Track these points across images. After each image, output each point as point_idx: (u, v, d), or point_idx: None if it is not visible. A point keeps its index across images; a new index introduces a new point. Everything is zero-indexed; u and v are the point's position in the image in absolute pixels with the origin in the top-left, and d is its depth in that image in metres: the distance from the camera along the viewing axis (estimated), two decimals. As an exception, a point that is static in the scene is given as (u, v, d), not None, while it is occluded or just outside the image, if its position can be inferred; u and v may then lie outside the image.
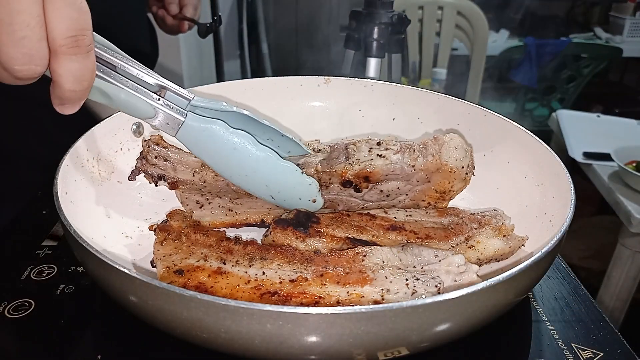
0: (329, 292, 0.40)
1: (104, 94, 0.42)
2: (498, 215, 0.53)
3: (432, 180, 0.53)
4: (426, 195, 0.55)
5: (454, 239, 0.50)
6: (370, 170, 0.52)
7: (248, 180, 0.52)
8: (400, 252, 0.44)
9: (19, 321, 0.44)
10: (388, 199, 0.55)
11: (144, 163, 0.54)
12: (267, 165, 0.51)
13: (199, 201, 0.56)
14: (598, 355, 0.43)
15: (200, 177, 0.54)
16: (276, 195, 0.53)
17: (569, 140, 1.57)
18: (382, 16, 1.04)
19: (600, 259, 1.53)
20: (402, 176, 0.52)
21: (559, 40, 2.53)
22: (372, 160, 0.52)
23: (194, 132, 0.48)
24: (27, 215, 0.61)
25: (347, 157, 0.53)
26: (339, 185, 0.53)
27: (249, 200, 0.56)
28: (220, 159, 0.50)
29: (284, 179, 0.52)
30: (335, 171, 0.53)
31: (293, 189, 0.53)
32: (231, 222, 0.56)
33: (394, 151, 0.52)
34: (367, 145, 0.53)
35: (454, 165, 0.52)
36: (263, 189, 0.53)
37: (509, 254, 0.50)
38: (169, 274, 0.42)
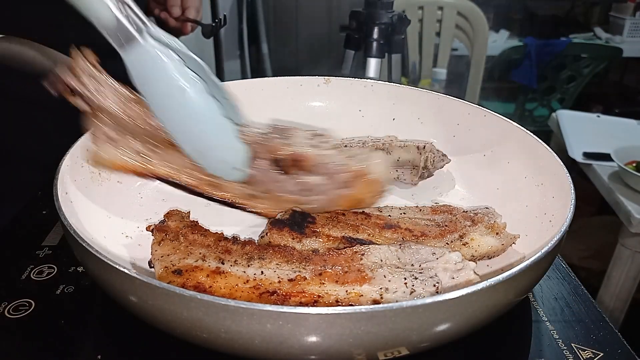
0: (328, 291, 0.40)
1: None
2: (490, 213, 0.53)
3: (354, 185, 0.54)
4: (342, 199, 0.54)
5: (448, 237, 0.50)
6: (303, 155, 0.52)
7: (183, 126, 0.49)
8: (398, 251, 0.45)
9: (19, 321, 0.44)
10: (306, 193, 0.54)
11: (66, 72, 0.48)
12: (209, 116, 0.48)
13: (112, 138, 0.51)
14: (598, 355, 0.43)
15: (125, 110, 0.49)
16: (204, 151, 0.50)
17: (569, 140, 1.57)
18: (382, 16, 1.04)
19: (600, 259, 1.53)
20: (329, 172, 0.53)
21: (559, 40, 2.53)
22: (307, 147, 0.53)
23: (147, 56, 0.45)
24: (27, 215, 0.61)
25: (285, 138, 0.53)
26: (267, 162, 0.52)
27: (167, 153, 0.52)
28: (162, 95, 0.47)
29: (219, 137, 0.50)
30: (270, 145, 0.52)
31: (223, 150, 0.51)
32: (140, 170, 0.52)
33: (329, 146, 0.54)
34: (305, 133, 0.54)
35: (376, 175, 0.54)
36: (194, 140, 0.50)
37: (502, 251, 0.51)
38: (168, 274, 0.42)
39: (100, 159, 0.50)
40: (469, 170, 0.65)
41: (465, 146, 0.65)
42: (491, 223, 0.52)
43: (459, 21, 2.08)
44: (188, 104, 0.47)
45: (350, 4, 1.18)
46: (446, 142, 0.66)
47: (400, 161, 0.64)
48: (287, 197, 0.54)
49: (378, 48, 1.06)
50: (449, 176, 0.66)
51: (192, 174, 0.53)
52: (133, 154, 0.51)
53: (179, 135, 0.49)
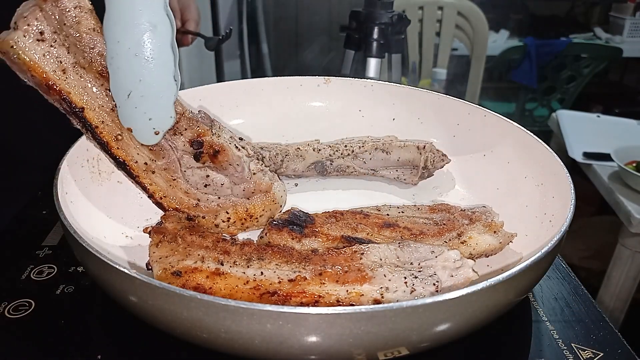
0: (329, 291, 0.40)
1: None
2: (487, 212, 0.54)
3: (252, 199, 0.55)
4: (234, 210, 0.54)
5: (447, 235, 0.51)
6: (224, 148, 0.52)
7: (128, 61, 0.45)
8: (397, 249, 0.45)
9: (19, 321, 0.44)
10: (203, 189, 0.54)
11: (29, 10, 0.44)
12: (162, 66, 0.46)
13: (44, 33, 0.45)
14: (598, 355, 0.43)
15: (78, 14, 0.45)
16: (134, 97, 0.47)
17: (569, 140, 1.57)
18: (382, 16, 1.04)
19: (600, 259, 1.53)
20: (238, 177, 0.54)
21: (559, 40, 2.53)
22: (229, 144, 0.53)
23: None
24: (27, 215, 0.61)
25: (211, 126, 0.53)
26: (185, 141, 0.51)
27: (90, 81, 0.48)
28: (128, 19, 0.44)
29: (158, 91, 0.47)
30: (198, 126, 0.51)
31: (155, 106, 0.48)
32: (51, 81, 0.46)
33: (248, 153, 0.54)
34: (230, 133, 0.55)
35: (278, 198, 0.56)
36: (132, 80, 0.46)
37: (499, 249, 0.51)
38: (167, 276, 0.42)
39: (16, 46, 0.44)
40: (469, 170, 0.65)
41: (465, 146, 0.65)
42: (489, 221, 0.52)
43: (459, 21, 2.08)
44: (149, 44, 0.45)
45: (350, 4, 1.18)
46: (446, 142, 0.66)
47: (400, 161, 0.64)
48: (182, 185, 0.53)
49: (378, 48, 1.06)
50: (449, 176, 0.66)
51: (102, 115, 0.49)
52: (54, 62, 0.46)
53: (120, 72, 0.46)
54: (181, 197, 0.53)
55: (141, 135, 0.49)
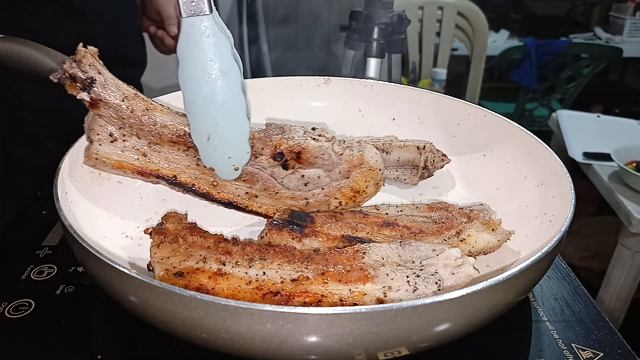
0: (331, 291, 0.40)
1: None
2: (485, 210, 0.54)
3: (352, 176, 0.55)
4: (340, 192, 0.55)
5: (446, 233, 0.51)
6: (303, 147, 0.53)
7: (205, 108, 0.48)
8: (398, 248, 0.45)
9: (19, 321, 0.44)
10: (304, 188, 0.55)
11: (73, 65, 0.48)
12: (235, 108, 0.49)
13: (113, 134, 0.50)
14: (598, 355, 0.43)
15: (129, 104, 0.49)
16: (214, 140, 0.50)
17: (569, 140, 1.57)
18: (382, 16, 1.04)
19: (600, 259, 1.53)
20: (328, 164, 0.54)
21: (559, 40, 2.53)
22: (306, 140, 0.53)
23: (205, 30, 0.46)
24: (27, 215, 0.61)
25: (282, 133, 0.54)
26: (268, 158, 0.53)
27: (168, 150, 0.52)
28: (202, 70, 0.47)
29: (234, 131, 0.50)
30: (271, 141, 0.53)
31: (232, 145, 0.51)
32: (139, 168, 0.51)
33: (326, 138, 0.54)
34: (302, 129, 0.55)
35: (373, 164, 0.55)
36: (210, 126, 0.49)
37: (497, 247, 0.52)
38: (169, 277, 0.41)
39: (98, 156, 0.50)
40: (469, 170, 0.65)
41: (465, 146, 0.65)
42: (487, 219, 0.53)
43: (459, 21, 2.08)
44: (223, 90, 0.48)
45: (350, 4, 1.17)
46: (446, 142, 0.66)
47: (400, 161, 0.64)
48: (286, 194, 0.55)
49: (378, 48, 1.05)
50: (449, 176, 0.66)
51: (193, 173, 0.53)
52: (133, 152, 0.51)
53: (198, 119, 0.49)
54: (290, 203, 0.55)
55: (223, 172, 0.52)
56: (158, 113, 0.50)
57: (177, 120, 0.51)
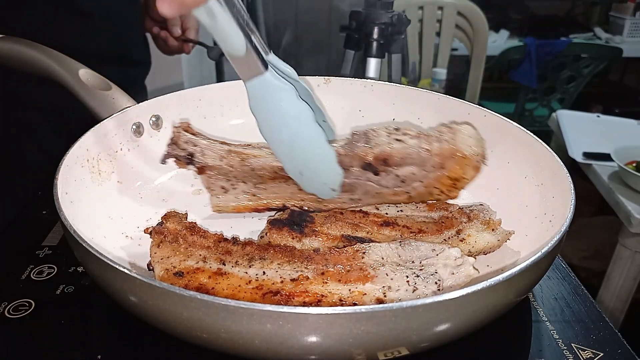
0: (331, 290, 0.40)
1: (211, 15, 0.43)
2: (485, 210, 0.54)
3: (446, 166, 0.54)
4: (439, 182, 0.55)
5: (446, 233, 0.51)
6: (389, 153, 0.54)
7: (292, 150, 0.52)
8: (398, 248, 0.45)
9: (19, 321, 0.44)
10: (403, 185, 0.56)
11: (174, 147, 0.55)
12: (316, 143, 0.52)
13: (224, 186, 0.57)
14: (598, 355, 0.43)
15: (227, 161, 0.55)
16: (307, 173, 0.54)
17: (569, 140, 1.57)
18: (382, 16, 1.04)
19: (600, 259, 1.53)
20: (418, 161, 0.54)
21: (559, 40, 2.53)
22: (390, 143, 0.54)
23: (267, 86, 0.49)
24: (27, 215, 0.61)
25: (367, 141, 0.55)
26: (358, 169, 0.55)
27: (272, 186, 0.57)
28: (277, 121, 0.51)
29: (322, 161, 0.54)
30: (356, 154, 0.54)
31: (324, 173, 0.54)
32: (254, 207, 0.58)
33: (411, 136, 0.54)
34: (385, 131, 0.55)
35: (467, 151, 0.54)
36: (300, 164, 0.53)
37: (497, 247, 0.52)
38: (169, 276, 0.42)
39: (219, 207, 0.57)
40: (469, 170, 0.65)
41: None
42: (486, 219, 0.53)
43: (459, 21, 2.08)
44: (299, 132, 0.51)
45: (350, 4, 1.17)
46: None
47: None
48: (388, 192, 0.56)
49: (378, 48, 1.05)
50: (449, 176, 0.66)
51: (298, 198, 0.57)
52: (244, 195, 0.57)
53: (288, 160, 0.53)
54: (393, 199, 0.57)
55: (323, 195, 0.56)
56: (253, 159, 0.56)
57: (270, 160, 0.56)
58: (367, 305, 0.36)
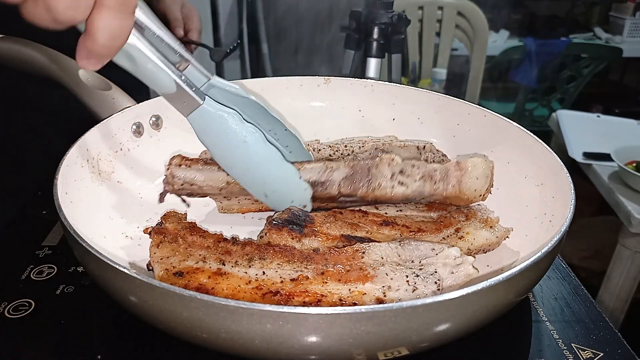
0: (331, 290, 0.40)
1: (131, 59, 0.42)
2: (482, 209, 0.55)
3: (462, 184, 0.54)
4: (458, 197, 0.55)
5: (445, 231, 0.51)
6: (390, 196, 0.53)
7: (248, 174, 0.52)
8: (398, 248, 0.45)
9: (19, 321, 0.44)
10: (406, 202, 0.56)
11: (171, 188, 0.55)
12: (271, 163, 0.52)
13: (226, 196, 0.57)
14: (598, 355, 0.43)
15: (227, 191, 0.55)
16: (270, 194, 0.54)
17: (569, 140, 1.57)
18: (382, 16, 1.04)
19: (600, 259, 1.53)
20: (420, 197, 0.55)
21: (559, 40, 2.53)
22: (393, 187, 0.53)
23: (208, 117, 0.48)
24: (27, 215, 0.61)
25: (369, 181, 0.53)
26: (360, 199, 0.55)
27: None
28: (226, 148, 0.51)
29: (283, 180, 0.53)
30: (356, 193, 0.54)
31: (288, 191, 0.54)
32: (259, 208, 0.58)
33: (416, 180, 0.53)
34: (389, 171, 0.53)
35: (471, 195, 0.54)
36: (260, 186, 0.53)
37: (496, 245, 0.52)
38: (169, 276, 0.42)
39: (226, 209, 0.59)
40: (469, 170, 0.65)
41: (465, 146, 0.65)
42: (484, 217, 0.53)
43: (459, 21, 2.08)
44: (251, 154, 0.51)
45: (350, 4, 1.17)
46: (446, 142, 0.66)
47: (400, 161, 0.64)
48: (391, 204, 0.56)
49: (378, 48, 1.05)
50: (449, 176, 0.66)
51: None
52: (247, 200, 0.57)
53: (247, 182, 0.53)
54: None
55: None
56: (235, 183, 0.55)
57: None
58: (367, 305, 0.36)
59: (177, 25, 0.98)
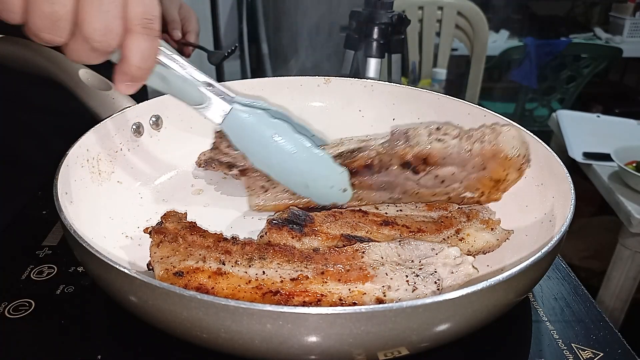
0: (331, 290, 0.40)
1: (162, 78, 0.46)
2: (484, 209, 0.54)
3: (488, 167, 0.54)
4: (481, 183, 0.55)
5: (445, 232, 0.51)
6: (428, 152, 0.53)
7: (284, 169, 0.54)
8: (398, 247, 0.45)
9: (19, 321, 0.44)
10: (442, 185, 0.56)
11: (216, 152, 0.56)
12: (303, 153, 0.53)
13: (264, 186, 0.58)
14: (598, 356, 0.43)
15: None
16: (310, 184, 0.55)
17: (569, 140, 1.57)
18: (382, 16, 1.04)
19: (600, 259, 1.53)
20: (459, 161, 0.54)
21: (559, 40, 2.53)
22: (430, 142, 0.54)
23: (239, 120, 0.51)
24: (27, 215, 0.61)
25: (406, 140, 0.54)
26: (398, 167, 0.55)
27: None
28: (260, 147, 0.53)
29: (318, 168, 0.54)
30: (395, 152, 0.54)
31: (326, 178, 0.55)
32: (292, 205, 0.58)
33: (452, 136, 0.54)
34: (426, 130, 0.55)
35: (510, 153, 0.53)
36: (298, 178, 0.55)
37: (497, 246, 0.52)
38: (169, 276, 0.42)
39: (260, 205, 0.58)
40: (469, 170, 0.64)
41: (465, 146, 0.65)
42: (486, 219, 0.53)
43: (459, 21, 2.08)
44: (283, 147, 0.52)
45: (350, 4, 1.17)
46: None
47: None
48: (426, 192, 0.56)
49: (378, 48, 1.05)
50: (449, 176, 0.66)
51: None
52: (285, 194, 0.58)
53: (288, 180, 0.55)
54: (432, 199, 0.56)
55: (340, 200, 0.56)
56: None
57: None
58: (366, 305, 0.36)
59: (175, 27, 0.98)
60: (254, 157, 0.53)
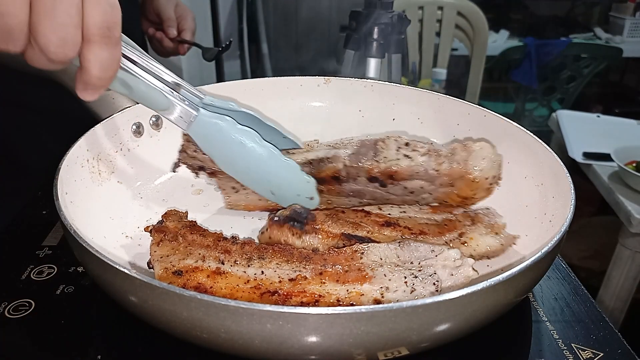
0: (329, 291, 0.40)
1: (125, 85, 0.45)
2: (490, 214, 0.54)
3: (455, 185, 0.54)
4: (448, 198, 0.55)
5: (448, 235, 0.51)
6: (395, 169, 0.53)
7: (251, 175, 0.54)
8: (397, 249, 0.45)
9: (19, 321, 0.44)
10: (412, 195, 0.55)
11: (184, 156, 0.56)
12: (270, 161, 0.53)
13: (234, 187, 0.58)
14: (598, 356, 0.43)
15: None
16: (276, 192, 0.55)
17: (569, 140, 1.57)
18: (382, 16, 1.04)
19: (600, 259, 1.53)
20: (426, 177, 0.54)
21: (559, 40, 2.53)
22: (398, 160, 0.53)
23: (205, 126, 0.50)
24: (27, 215, 0.61)
25: (374, 154, 0.54)
26: (366, 181, 0.55)
27: None
28: (227, 153, 0.53)
29: (285, 176, 0.54)
30: (362, 167, 0.54)
31: (293, 186, 0.55)
32: (265, 206, 0.58)
33: (421, 153, 0.53)
34: (395, 144, 0.54)
35: (478, 175, 0.53)
36: (265, 185, 0.55)
37: (501, 252, 0.51)
38: (168, 275, 0.42)
39: (231, 204, 0.59)
40: (469, 170, 0.64)
41: (465, 146, 0.65)
42: (491, 223, 0.52)
43: (459, 21, 2.08)
44: (249, 155, 0.53)
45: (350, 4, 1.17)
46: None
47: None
48: (397, 199, 0.56)
49: (378, 48, 1.05)
50: (449, 176, 0.66)
51: None
52: (255, 195, 0.57)
53: (252, 183, 0.55)
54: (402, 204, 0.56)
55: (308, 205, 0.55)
56: None
57: None
58: (364, 305, 0.36)
59: (171, 24, 0.98)
60: (220, 162, 0.54)
